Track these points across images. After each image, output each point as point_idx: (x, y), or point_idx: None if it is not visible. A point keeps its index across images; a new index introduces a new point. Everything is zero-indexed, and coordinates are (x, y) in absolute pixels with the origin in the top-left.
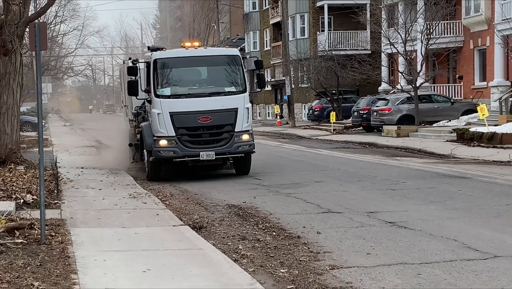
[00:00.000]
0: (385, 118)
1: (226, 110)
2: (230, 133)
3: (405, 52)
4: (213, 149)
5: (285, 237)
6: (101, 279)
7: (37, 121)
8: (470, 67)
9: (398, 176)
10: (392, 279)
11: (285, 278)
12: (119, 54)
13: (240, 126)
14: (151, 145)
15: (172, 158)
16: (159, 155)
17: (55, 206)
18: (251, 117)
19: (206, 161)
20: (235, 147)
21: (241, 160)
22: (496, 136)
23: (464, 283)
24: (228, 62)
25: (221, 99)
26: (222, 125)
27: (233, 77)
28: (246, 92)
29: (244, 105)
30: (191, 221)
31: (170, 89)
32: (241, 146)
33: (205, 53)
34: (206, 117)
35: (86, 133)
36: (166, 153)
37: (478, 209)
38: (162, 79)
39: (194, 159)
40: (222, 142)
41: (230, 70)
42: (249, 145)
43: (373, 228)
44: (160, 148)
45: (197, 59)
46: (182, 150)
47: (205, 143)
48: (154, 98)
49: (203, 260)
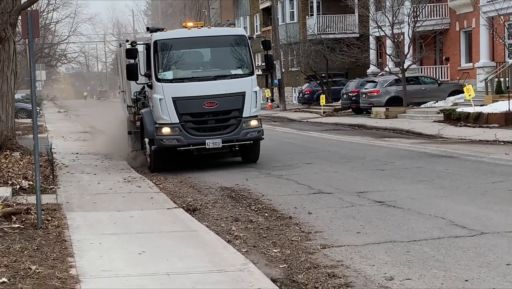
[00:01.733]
0: (373, 100)
1: (233, 95)
2: (237, 119)
3: (392, 35)
4: (219, 136)
5: (277, 217)
6: (97, 262)
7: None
8: (456, 49)
9: (387, 156)
10: (381, 256)
11: (277, 257)
12: (112, 40)
13: (248, 111)
14: (153, 132)
15: (176, 146)
16: (162, 144)
17: (51, 191)
18: (259, 101)
19: (212, 149)
20: (243, 134)
21: (249, 147)
22: (482, 116)
23: (452, 259)
24: (233, 43)
25: (227, 82)
26: (228, 110)
27: (240, 59)
28: (253, 74)
29: (252, 88)
30: (185, 204)
31: (172, 73)
32: (250, 132)
33: (209, 33)
34: (211, 102)
35: (80, 120)
36: (170, 141)
37: (465, 187)
38: (164, 62)
39: (199, 147)
40: (229, 129)
41: (236, 51)
42: (257, 131)
43: (363, 208)
44: (163, 136)
45: (200, 40)
46: (187, 138)
47: (211, 131)
48: (155, 83)
49: (197, 242)
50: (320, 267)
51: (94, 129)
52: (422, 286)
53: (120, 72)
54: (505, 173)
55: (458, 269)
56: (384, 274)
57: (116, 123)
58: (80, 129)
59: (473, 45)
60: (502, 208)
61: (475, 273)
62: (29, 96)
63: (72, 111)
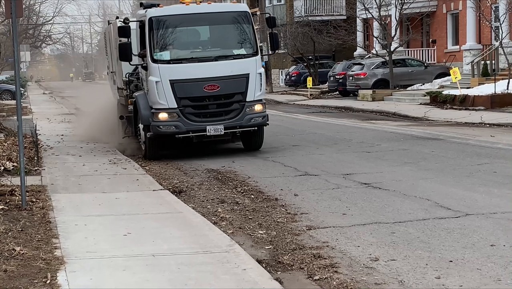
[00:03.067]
0: (360, 82)
1: (236, 77)
2: (240, 104)
3: (379, 17)
4: (221, 122)
5: (263, 199)
6: (82, 243)
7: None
8: (443, 31)
9: (373, 139)
10: (367, 238)
11: (263, 239)
12: (97, 21)
13: (252, 95)
14: (148, 118)
15: (174, 133)
16: (158, 130)
17: (36, 173)
18: (264, 84)
19: (213, 136)
20: (246, 119)
21: (252, 134)
22: (468, 99)
23: (437, 240)
24: (236, 20)
25: (229, 63)
26: (231, 94)
27: (243, 38)
28: (258, 55)
29: (256, 70)
30: (170, 186)
31: (170, 53)
32: (254, 117)
33: (209, 9)
34: (212, 85)
35: (66, 102)
36: (167, 128)
37: (451, 169)
38: (160, 41)
39: (199, 134)
40: (232, 114)
41: (238, 29)
42: (262, 116)
43: (348, 189)
44: (160, 122)
45: (200, 17)
46: (186, 124)
47: (212, 116)
48: (151, 64)
49: (183, 223)
50: (306, 248)
51: (80, 113)
52: (406, 266)
53: (110, 52)
54: (490, 155)
55: (442, 250)
56: (369, 255)
57: (104, 106)
58: (66, 111)
59: (460, 27)
60: (487, 190)
61: (460, 254)
62: (14, 77)
63: (57, 93)
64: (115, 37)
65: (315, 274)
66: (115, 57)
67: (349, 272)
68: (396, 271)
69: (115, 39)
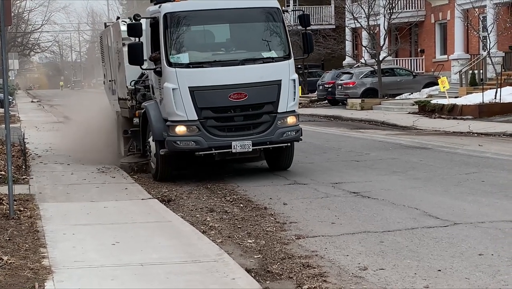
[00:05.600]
0: (349, 91)
1: (266, 84)
2: (271, 116)
3: (368, 26)
4: (249, 138)
5: (252, 208)
6: (70, 252)
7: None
8: (431, 41)
9: (362, 148)
10: (355, 247)
11: (252, 248)
12: (86, 30)
13: (284, 105)
14: (162, 132)
15: (194, 150)
16: (175, 147)
17: (24, 181)
18: (298, 92)
19: (239, 153)
20: (278, 134)
21: (281, 151)
22: (456, 108)
23: (425, 249)
24: (265, 18)
25: (258, 68)
26: (260, 104)
27: (273, 38)
28: (291, 58)
29: (289, 76)
30: (159, 194)
31: (189, 55)
32: (286, 132)
33: (235, 5)
34: (239, 93)
35: (54, 110)
36: (185, 144)
37: (439, 178)
38: (177, 42)
39: (223, 152)
40: (261, 128)
41: (268, 28)
42: (295, 131)
43: (337, 198)
44: (177, 137)
45: (224, 13)
46: (208, 139)
47: (238, 130)
48: (167, 68)
49: (172, 232)
50: (295, 258)
51: (69, 125)
52: (395, 276)
53: (108, 58)
54: (479, 164)
55: (431, 259)
56: (358, 264)
57: (103, 122)
58: (54, 119)
59: (448, 37)
60: (475, 199)
61: (448, 263)
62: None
63: (46, 102)
64: (116, 40)
65: (304, 283)
66: (115, 64)
67: (338, 281)
68: (385, 280)
69: (116, 43)
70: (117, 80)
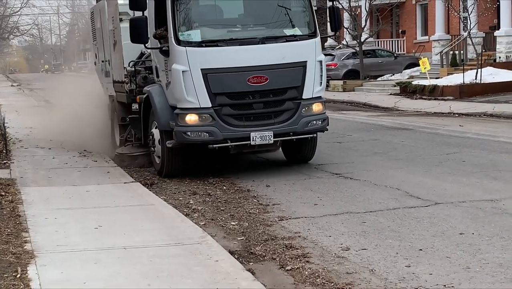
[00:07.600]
0: (331, 73)
1: (290, 66)
2: (295, 102)
3: (349, 8)
4: (270, 128)
5: (235, 190)
6: (53, 236)
7: None
8: (412, 22)
9: (344, 129)
10: (338, 227)
11: (235, 230)
12: (66, 12)
13: (310, 90)
14: (169, 121)
15: (207, 142)
16: (185, 138)
17: (5, 166)
18: (325, 76)
19: (257, 146)
20: (302, 124)
21: (303, 142)
22: (437, 89)
23: (407, 229)
24: None
25: (281, 47)
26: (283, 89)
27: (297, 14)
28: (317, 36)
29: (315, 57)
30: (142, 178)
31: (200, 32)
32: (311, 120)
33: None
34: (259, 76)
35: (35, 94)
36: (197, 135)
37: (420, 159)
38: (187, 16)
39: (241, 144)
40: (283, 117)
41: (291, 2)
42: (322, 120)
43: (320, 180)
44: (187, 127)
45: None
46: (223, 130)
47: (257, 119)
48: (176, 47)
49: (155, 215)
50: (278, 239)
51: (52, 109)
52: (377, 255)
53: (101, 36)
54: (459, 144)
55: (412, 238)
56: (341, 245)
57: (93, 108)
58: (35, 103)
59: (429, 18)
60: (456, 179)
61: (429, 242)
62: None
63: (26, 85)
64: (111, 15)
65: (287, 264)
66: (110, 43)
67: (321, 262)
68: (367, 260)
69: (112, 18)
70: (112, 61)
